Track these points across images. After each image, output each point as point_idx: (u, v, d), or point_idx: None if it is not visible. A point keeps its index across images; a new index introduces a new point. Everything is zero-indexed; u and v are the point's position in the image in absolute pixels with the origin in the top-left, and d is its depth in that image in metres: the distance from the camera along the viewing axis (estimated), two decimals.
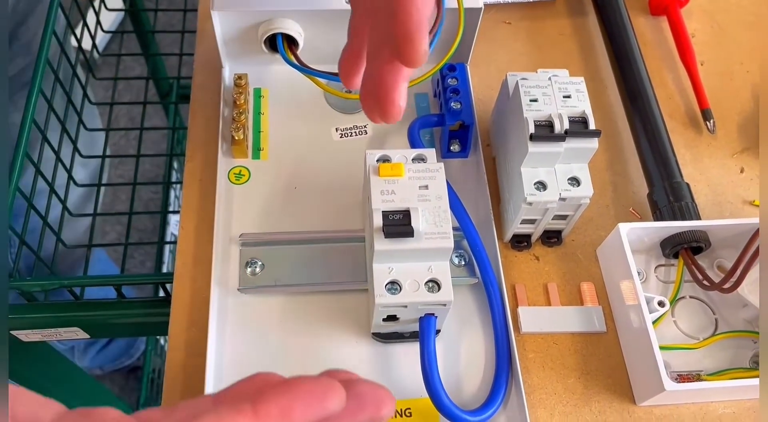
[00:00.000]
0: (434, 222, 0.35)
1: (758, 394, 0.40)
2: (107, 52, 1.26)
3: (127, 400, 1.10)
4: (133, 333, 0.68)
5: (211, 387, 0.38)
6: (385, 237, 0.34)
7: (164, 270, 0.88)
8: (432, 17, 0.44)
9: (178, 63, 0.71)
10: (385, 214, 0.35)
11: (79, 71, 0.61)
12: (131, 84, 1.38)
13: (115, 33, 1.00)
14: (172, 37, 1.37)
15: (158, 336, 0.99)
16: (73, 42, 0.61)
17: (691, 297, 0.44)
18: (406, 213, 0.35)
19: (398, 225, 0.35)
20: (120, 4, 0.81)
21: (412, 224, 0.35)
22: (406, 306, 0.36)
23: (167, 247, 0.89)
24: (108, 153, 0.63)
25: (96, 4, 0.69)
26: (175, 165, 0.92)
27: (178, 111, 0.93)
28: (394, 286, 0.36)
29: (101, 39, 1.13)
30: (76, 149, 0.58)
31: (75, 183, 0.57)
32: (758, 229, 0.38)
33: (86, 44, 0.65)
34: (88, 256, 0.55)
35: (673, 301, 0.43)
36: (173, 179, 0.85)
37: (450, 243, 0.35)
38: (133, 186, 0.61)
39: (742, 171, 0.49)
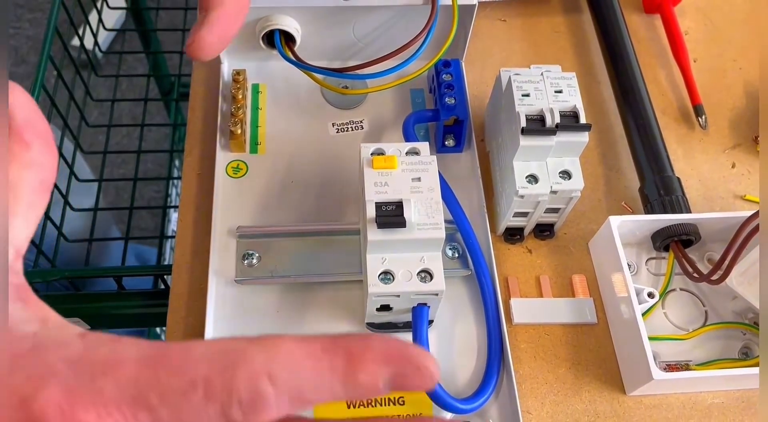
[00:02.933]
0: (426, 214, 0.36)
1: (749, 385, 0.41)
2: (110, 51, 1.27)
3: None
4: (133, 324, 0.69)
5: None
6: (378, 227, 0.35)
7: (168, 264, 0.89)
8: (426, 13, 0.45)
9: (179, 61, 0.72)
10: (378, 205, 0.36)
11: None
12: (134, 83, 1.39)
13: (117, 31, 1.01)
14: (176, 37, 1.38)
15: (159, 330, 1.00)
16: (75, 41, 0.62)
17: (681, 289, 0.44)
18: (398, 205, 0.36)
19: (391, 215, 0.35)
20: (122, 3, 0.81)
21: (405, 215, 0.35)
22: (398, 296, 0.37)
23: (168, 243, 0.90)
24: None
25: (98, 2, 0.69)
26: (177, 162, 0.93)
27: (180, 108, 0.93)
28: (387, 276, 0.36)
29: (104, 39, 1.14)
30: (78, 145, 0.59)
31: (76, 178, 0.58)
32: (745, 221, 0.39)
33: (88, 43, 0.65)
34: (89, 250, 0.56)
35: (664, 293, 0.43)
36: (174, 175, 0.86)
37: (441, 234, 0.36)
38: (134, 181, 0.62)
39: (733, 166, 0.50)
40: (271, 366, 0.19)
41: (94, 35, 0.66)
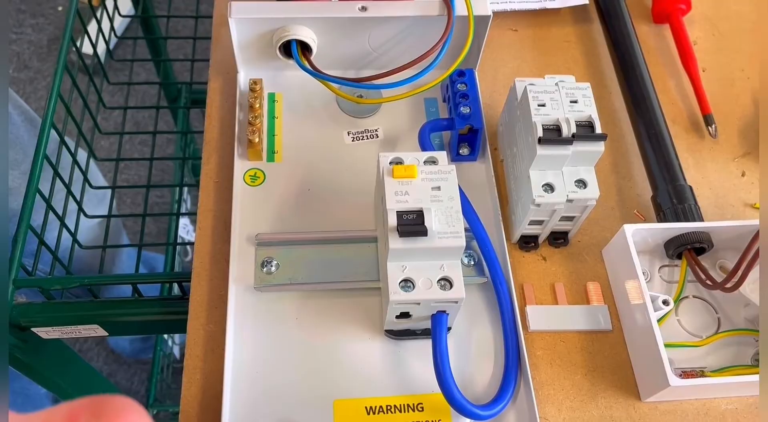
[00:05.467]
0: (446, 222, 0.36)
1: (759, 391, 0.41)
2: (116, 58, 1.28)
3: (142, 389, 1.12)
4: (150, 331, 0.69)
5: (229, 381, 0.39)
6: (400, 236, 0.36)
7: (175, 270, 0.90)
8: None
9: (183, 68, 0.73)
10: (400, 214, 0.36)
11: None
12: (136, 89, 1.40)
13: (127, 39, 1.01)
14: (177, 43, 1.39)
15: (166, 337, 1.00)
16: (86, 48, 0.62)
17: (694, 296, 0.45)
18: (419, 213, 0.36)
19: (412, 224, 0.36)
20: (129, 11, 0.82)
21: (426, 224, 0.36)
22: (419, 304, 0.37)
23: (175, 250, 0.90)
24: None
25: (110, 10, 0.70)
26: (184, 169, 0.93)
27: (188, 115, 0.94)
28: (407, 284, 0.37)
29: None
30: (91, 153, 0.59)
31: (90, 185, 0.58)
32: (759, 231, 0.39)
33: (98, 50, 0.66)
34: (103, 257, 0.56)
35: (677, 300, 0.44)
36: (184, 182, 0.86)
37: (462, 242, 0.36)
38: (147, 188, 0.63)
39: (743, 175, 0.51)
40: None
41: (107, 42, 0.66)
